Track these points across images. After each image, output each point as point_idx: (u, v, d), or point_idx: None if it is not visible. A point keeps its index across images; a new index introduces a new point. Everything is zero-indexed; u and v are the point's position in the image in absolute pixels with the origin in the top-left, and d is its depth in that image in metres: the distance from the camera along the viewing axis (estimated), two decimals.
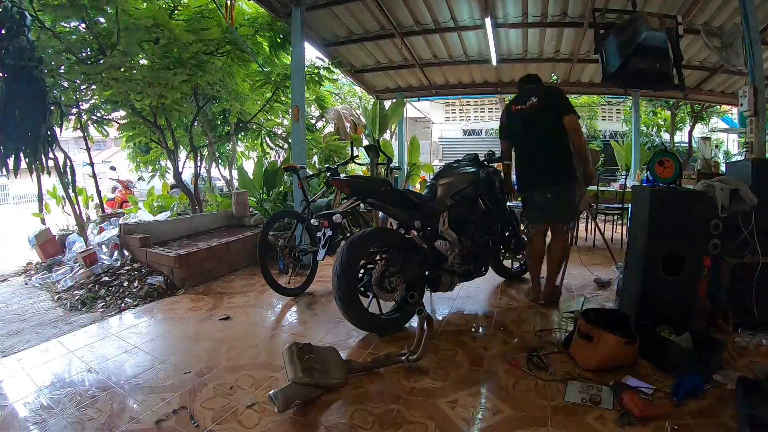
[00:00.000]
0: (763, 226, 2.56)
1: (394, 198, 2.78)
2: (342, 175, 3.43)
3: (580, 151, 2.92)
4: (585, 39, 5.34)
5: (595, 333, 2.14)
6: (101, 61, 3.89)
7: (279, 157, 7.47)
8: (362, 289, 2.70)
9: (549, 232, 3.13)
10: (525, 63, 6.41)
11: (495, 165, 3.33)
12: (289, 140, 5.89)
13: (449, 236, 2.85)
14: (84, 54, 4.06)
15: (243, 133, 6.78)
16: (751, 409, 1.69)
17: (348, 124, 8.12)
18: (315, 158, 6.59)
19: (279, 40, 5.06)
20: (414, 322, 2.78)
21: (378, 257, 2.79)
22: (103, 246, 4.11)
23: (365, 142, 7.47)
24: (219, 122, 6.92)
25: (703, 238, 2.55)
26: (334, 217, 2.77)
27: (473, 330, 2.73)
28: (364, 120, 8.14)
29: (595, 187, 4.08)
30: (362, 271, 2.73)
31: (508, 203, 3.46)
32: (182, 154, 6.07)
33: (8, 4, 3.31)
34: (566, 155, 2.93)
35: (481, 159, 3.29)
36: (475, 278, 3.13)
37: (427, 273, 2.86)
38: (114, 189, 8.93)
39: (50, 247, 4.54)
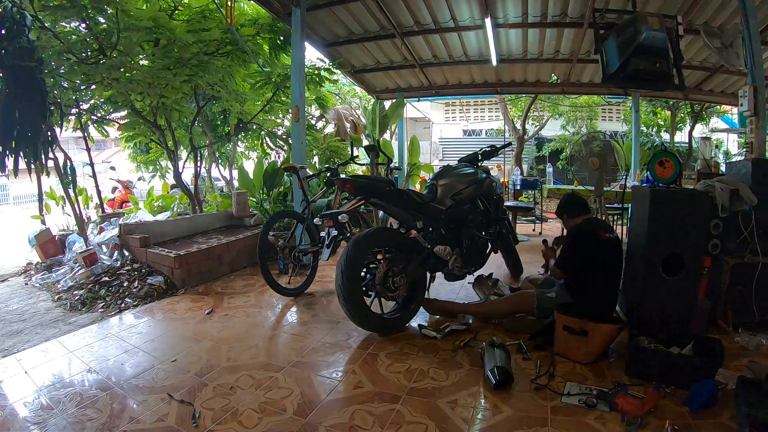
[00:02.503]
0: (763, 226, 2.56)
1: (398, 198, 2.78)
2: (342, 175, 3.44)
3: None
4: (585, 39, 5.34)
5: (590, 327, 2.17)
6: (101, 62, 3.88)
7: (279, 157, 7.47)
8: (364, 288, 2.70)
9: None
10: (525, 63, 6.42)
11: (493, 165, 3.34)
12: (290, 140, 5.89)
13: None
14: (84, 54, 4.06)
15: (243, 134, 6.78)
16: (751, 409, 1.69)
17: (348, 125, 8.12)
18: (315, 158, 6.59)
19: (279, 41, 5.06)
20: (414, 322, 2.79)
21: (381, 257, 2.80)
22: (103, 246, 4.11)
23: (365, 143, 7.47)
24: (219, 122, 6.91)
25: (703, 239, 2.55)
26: (340, 217, 2.76)
27: (472, 330, 2.72)
28: (364, 120, 8.14)
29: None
30: (365, 270, 2.74)
31: (505, 203, 3.48)
32: (182, 154, 6.08)
33: (8, 4, 3.30)
34: None
35: (479, 157, 3.31)
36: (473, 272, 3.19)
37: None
38: (114, 189, 8.92)
39: (50, 247, 4.54)
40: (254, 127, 6.26)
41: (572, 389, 1.98)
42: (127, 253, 4.00)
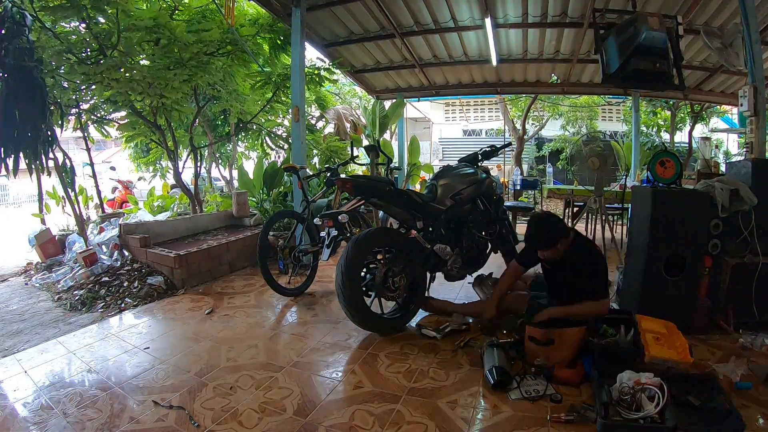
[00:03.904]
0: (763, 226, 2.56)
1: (398, 198, 2.78)
2: (342, 175, 3.43)
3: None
4: (585, 39, 5.34)
5: (555, 334, 2.14)
6: (101, 62, 3.88)
7: (279, 157, 7.47)
8: (364, 288, 2.70)
9: None
10: (525, 63, 6.42)
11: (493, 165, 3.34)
12: (290, 140, 5.89)
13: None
14: (84, 54, 4.06)
15: (243, 134, 6.78)
16: None
17: (348, 125, 8.12)
18: (315, 158, 6.59)
19: (279, 42, 5.06)
20: (414, 322, 2.78)
21: (381, 257, 2.80)
22: (103, 246, 4.10)
23: (365, 142, 7.47)
24: (219, 122, 6.92)
25: (703, 239, 2.55)
26: (339, 217, 2.76)
27: (471, 330, 2.72)
28: (364, 120, 8.14)
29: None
30: (365, 270, 2.74)
31: (505, 203, 3.47)
32: (182, 154, 6.07)
33: (8, 4, 3.31)
34: None
35: (479, 157, 3.31)
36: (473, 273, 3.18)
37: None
38: (114, 189, 8.93)
39: (50, 247, 4.53)
40: (254, 127, 6.26)
41: (524, 383, 2.02)
42: (127, 253, 3.99)
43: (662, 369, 1.89)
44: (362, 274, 2.69)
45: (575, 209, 5.37)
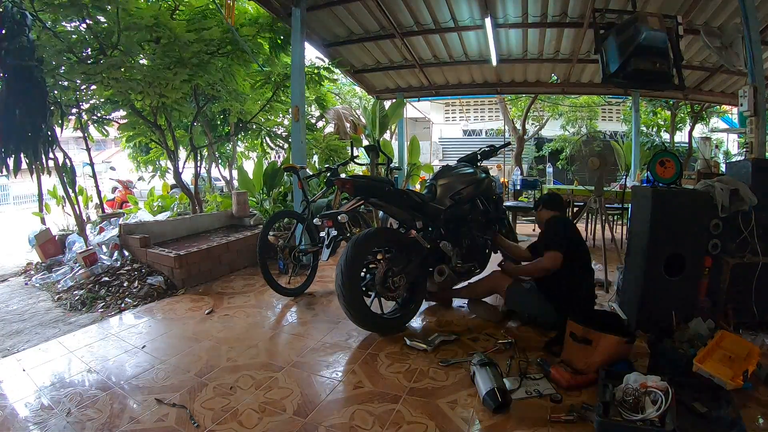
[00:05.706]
0: (763, 226, 2.56)
1: (398, 198, 2.78)
2: (342, 175, 3.43)
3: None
4: (585, 39, 5.34)
5: (593, 336, 2.07)
6: (101, 61, 3.88)
7: (279, 157, 7.47)
8: (364, 288, 2.70)
9: None
10: (525, 63, 6.42)
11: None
12: (290, 140, 5.89)
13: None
14: (84, 54, 4.06)
15: (243, 133, 6.78)
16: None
17: (348, 124, 8.10)
18: (315, 158, 6.59)
19: (279, 41, 5.06)
20: (414, 323, 2.78)
21: (381, 257, 2.80)
22: (103, 246, 4.11)
23: (365, 142, 7.47)
24: (219, 122, 6.91)
25: (703, 239, 2.55)
26: (339, 217, 2.76)
27: (473, 330, 2.72)
28: (364, 120, 8.13)
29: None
30: (364, 270, 2.74)
31: (505, 203, 3.48)
32: (182, 154, 6.07)
33: (8, 4, 3.30)
34: None
35: (478, 157, 3.32)
36: (473, 276, 3.15)
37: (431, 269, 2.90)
38: (114, 189, 8.94)
39: (50, 247, 4.53)
40: (254, 126, 6.27)
41: (518, 385, 2.00)
42: (127, 253, 4.00)
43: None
44: (362, 274, 2.69)
45: (575, 209, 5.37)
